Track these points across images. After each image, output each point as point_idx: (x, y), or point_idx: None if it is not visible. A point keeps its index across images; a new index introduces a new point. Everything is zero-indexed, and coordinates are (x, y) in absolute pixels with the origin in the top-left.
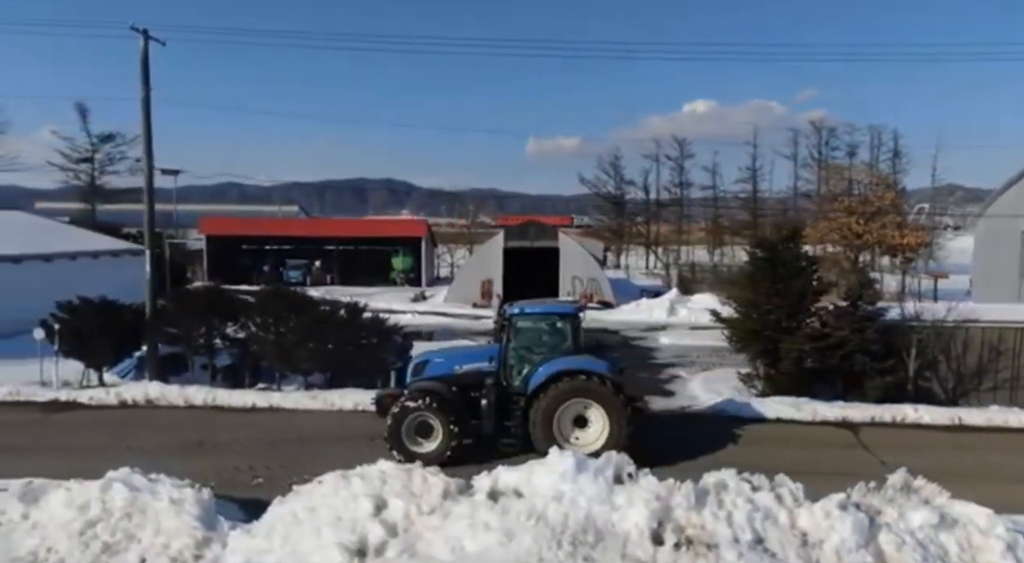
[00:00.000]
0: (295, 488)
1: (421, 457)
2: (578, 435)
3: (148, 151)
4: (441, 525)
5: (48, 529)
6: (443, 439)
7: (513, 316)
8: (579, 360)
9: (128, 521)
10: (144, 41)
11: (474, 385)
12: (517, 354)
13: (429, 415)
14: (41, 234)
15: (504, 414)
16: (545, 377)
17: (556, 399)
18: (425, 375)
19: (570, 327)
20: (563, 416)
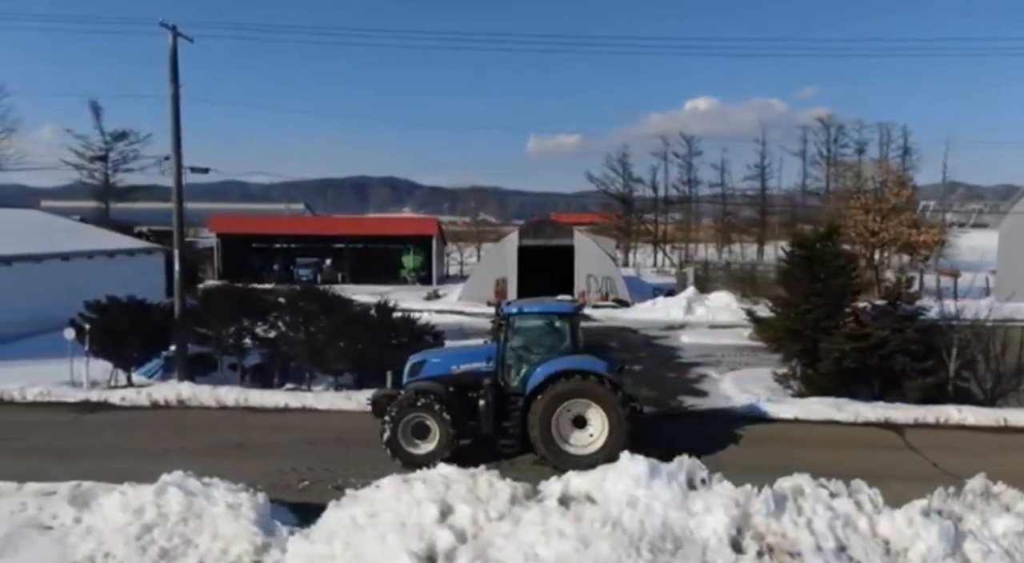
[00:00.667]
0: (348, 492)
1: (417, 459)
2: (577, 435)
3: (177, 149)
4: (512, 532)
5: (104, 533)
6: (440, 440)
7: (511, 315)
8: (578, 360)
9: (184, 526)
10: (173, 38)
11: (472, 385)
12: (515, 354)
13: (426, 416)
14: (57, 233)
15: (502, 415)
16: (544, 377)
17: (555, 399)
18: (422, 375)
19: (568, 326)
20: (562, 416)
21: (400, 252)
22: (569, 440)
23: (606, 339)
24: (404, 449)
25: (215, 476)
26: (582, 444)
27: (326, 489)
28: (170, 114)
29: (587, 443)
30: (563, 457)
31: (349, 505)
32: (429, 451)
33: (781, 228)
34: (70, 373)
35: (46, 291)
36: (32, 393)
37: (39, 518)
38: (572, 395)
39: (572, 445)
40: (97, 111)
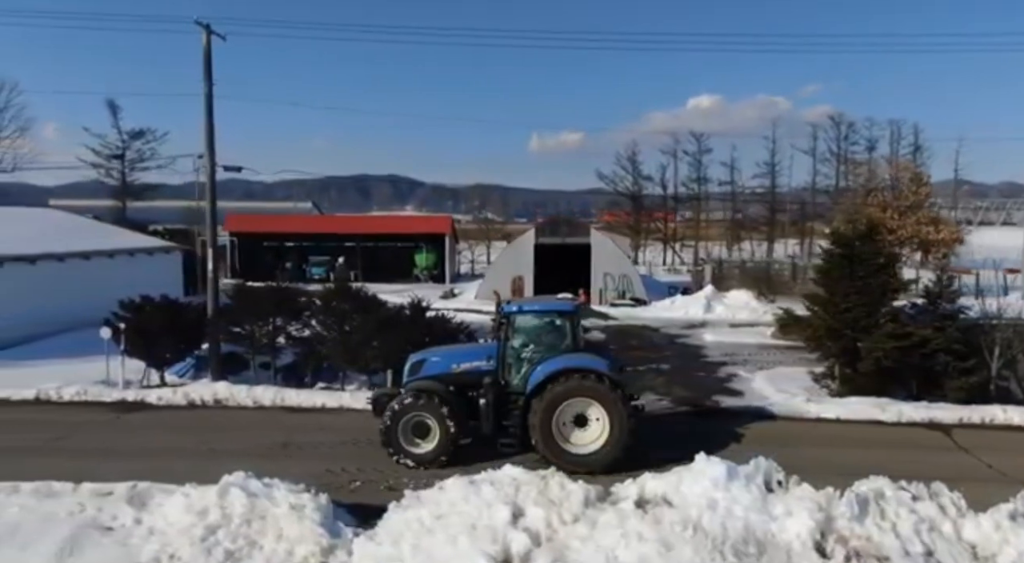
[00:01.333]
0: (408, 493)
1: (417, 458)
2: (578, 434)
3: (210, 147)
4: (589, 535)
5: (167, 535)
6: (440, 439)
7: (511, 314)
8: (579, 358)
9: (248, 527)
10: (207, 36)
11: (472, 384)
12: (516, 352)
13: (426, 415)
14: (77, 232)
15: (502, 414)
16: (544, 376)
17: (555, 398)
18: (422, 374)
19: (569, 325)
20: (563, 415)
21: (413, 250)
22: (570, 439)
23: (628, 338)
24: (404, 448)
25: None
26: (583, 443)
27: (378, 490)
28: (203, 112)
29: (588, 442)
30: (564, 456)
31: (413, 506)
32: (429, 450)
33: (791, 226)
34: (106, 372)
35: (69, 290)
36: (69, 392)
37: (99, 519)
38: (573, 394)
39: (573, 444)
40: (114, 109)
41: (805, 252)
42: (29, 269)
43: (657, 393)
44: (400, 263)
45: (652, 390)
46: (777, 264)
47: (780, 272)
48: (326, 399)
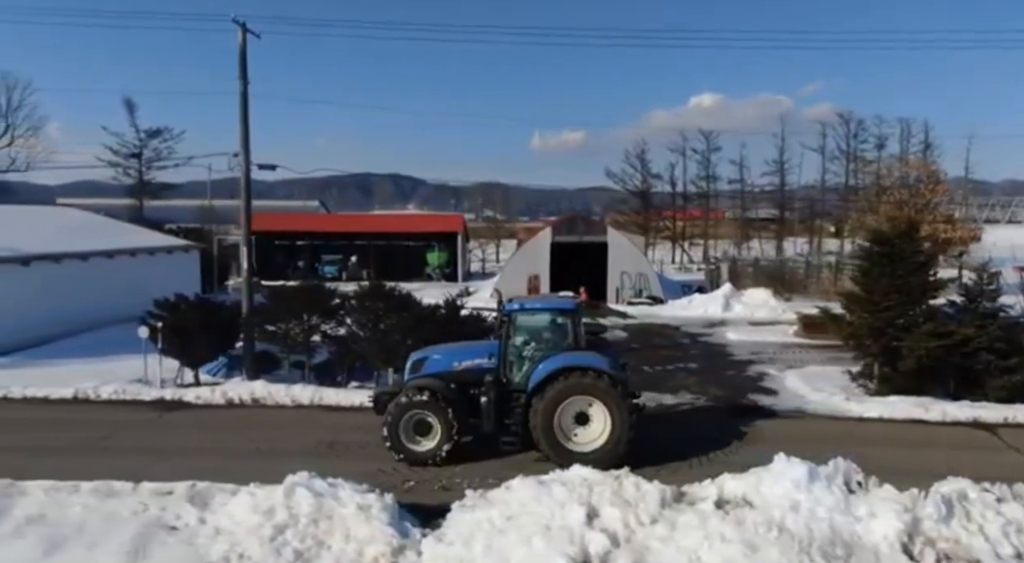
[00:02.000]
0: (469, 493)
1: (419, 455)
2: (579, 432)
3: (245, 145)
4: (669, 536)
5: (235, 535)
6: (441, 437)
7: (512, 312)
8: (580, 356)
9: (315, 527)
10: (242, 34)
11: (473, 382)
12: (517, 350)
13: (427, 413)
14: (97, 231)
15: (504, 412)
16: (545, 374)
17: (557, 396)
18: (424, 372)
19: (570, 323)
20: (564, 413)
21: (425, 249)
22: (571, 437)
23: (651, 337)
24: (405, 446)
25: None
26: (584, 441)
27: (432, 489)
28: (239, 111)
29: (589, 440)
30: (565, 454)
31: (480, 507)
32: (430, 448)
33: (800, 224)
34: (142, 371)
35: (92, 289)
36: (107, 391)
37: (163, 518)
38: (574, 392)
39: (574, 442)
40: (131, 108)
41: (815, 250)
42: (54, 267)
43: (691, 392)
44: (412, 262)
45: (686, 389)
46: (791, 262)
47: (794, 270)
48: (364, 398)
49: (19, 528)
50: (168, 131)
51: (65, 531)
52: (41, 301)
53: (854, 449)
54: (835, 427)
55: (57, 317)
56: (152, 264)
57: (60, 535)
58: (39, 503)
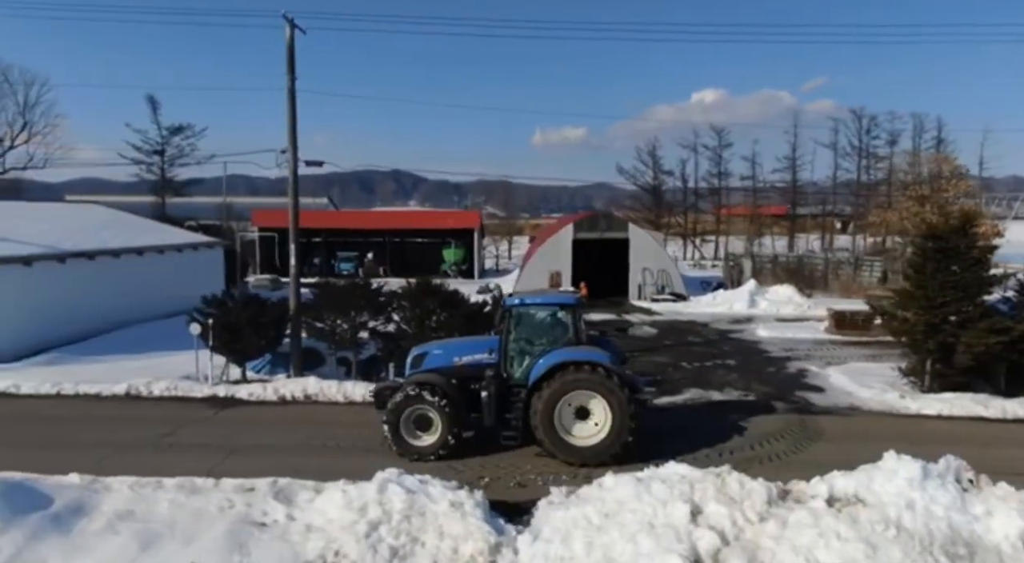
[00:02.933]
0: (554, 490)
1: (419, 451)
2: (580, 427)
3: (293, 142)
4: (781, 534)
5: (328, 531)
6: (442, 432)
7: (513, 307)
8: (581, 351)
9: (409, 524)
10: (290, 29)
11: (474, 377)
12: (517, 345)
13: (428, 408)
14: (126, 228)
15: (504, 406)
16: (546, 368)
17: (557, 391)
18: (424, 367)
19: (571, 317)
20: (564, 408)
21: (441, 246)
22: (572, 431)
23: (681, 333)
24: (406, 441)
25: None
26: (585, 435)
27: (508, 486)
28: (287, 107)
29: (590, 434)
30: (566, 449)
31: (573, 504)
32: (431, 443)
33: (812, 220)
34: (195, 367)
35: (125, 286)
36: (159, 388)
37: (250, 515)
38: (574, 386)
39: (575, 436)
40: (154, 105)
41: (827, 246)
42: (89, 265)
43: (736, 388)
44: (428, 258)
45: (730, 385)
46: (808, 258)
47: (812, 267)
48: None
49: (111, 524)
50: (190, 128)
51: (157, 527)
52: (77, 298)
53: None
54: (894, 424)
55: (93, 314)
56: (180, 261)
57: (153, 531)
58: (126, 499)
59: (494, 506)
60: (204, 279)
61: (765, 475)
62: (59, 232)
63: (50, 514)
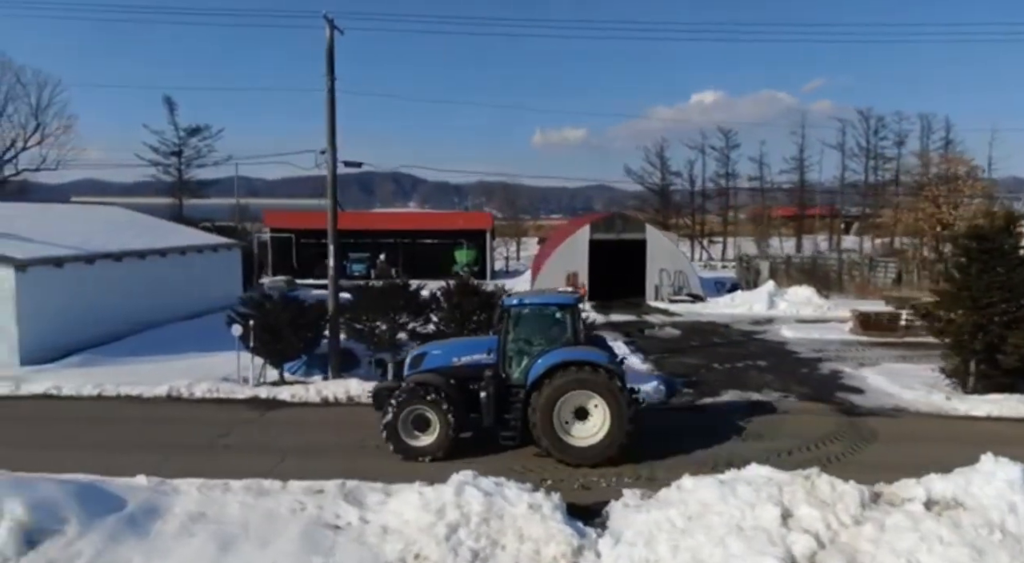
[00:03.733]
0: (627, 492)
1: (418, 451)
2: (578, 427)
3: (332, 143)
4: (879, 537)
5: (406, 533)
6: (441, 432)
7: (511, 307)
8: (579, 351)
9: (487, 526)
10: (330, 30)
11: (472, 377)
12: (516, 346)
13: (426, 408)
14: (148, 229)
15: (503, 407)
16: (544, 368)
17: (556, 391)
18: (423, 367)
19: (570, 317)
20: (563, 408)
21: (453, 247)
22: (570, 431)
23: (705, 335)
24: (404, 441)
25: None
26: (583, 435)
27: (572, 488)
28: (326, 108)
29: (589, 434)
30: (565, 448)
31: (653, 507)
32: (429, 443)
33: (820, 220)
34: (236, 368)
35: (151, 286)
36: (200, 390)
37: (323, 517)
38: (573, 386)
39: (573, 436)
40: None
41: (834, 247)
42: (115, 266)
43: (774, 389)
44: (440, 259)
45: (768, 387)
46: (821, 259)
47: (825, 266)
48: None
49: (185, 526)
50: (207, 129)
51: (231, 529)
52: (105, 299)
53: (978, 449)
54: (944, 426)
55: (119, 315)
56: (200, 262)
57: (228, 533)
58: (196, 501)
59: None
60: (223, 280)
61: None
62: (84, 233)
63: (125, 516)
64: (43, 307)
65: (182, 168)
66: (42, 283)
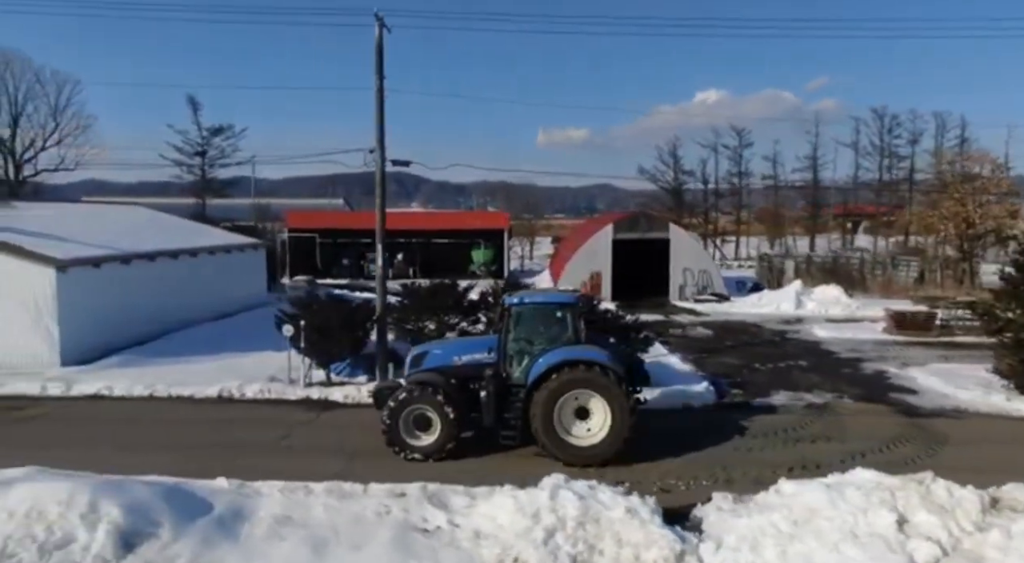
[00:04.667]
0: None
1: (419, 451)
2: (579, 427)
3: (381, 142)
4: (1008, 545)
5: (502, 538)
6: (441, 432)
7: (512, 306)
8: (580, 350)
9: (584, 531)
10: (379, 28)
11: (473, 377)
12: (517, 345)
13: (427, 407)
14: (176, 229)
15: (504, 406)
16: (545, 368)
17: (557, 390)
18: (424, 367)
19: (571, 316)
20: (564, 408)
21: (470, 246)
22: (571, 431)
23: (736, 334)
24: (405, 441)
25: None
26: (584, 435)
27: (651, 491)
28: (375, 107)
29: (590, 434)
30: (565, 448)
31: (754, 511)
32: (430, 443)
33: (834, 220)
34: (287, 369)
35: (183, 286)
36: (251, 390)
37: (410, 520)
38: (574, 386)
39: (574, 436)
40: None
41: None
42: (150, 266)
43: (823, 390)
44: (457, 259)
45: (817, 388)
46: (843, 258)
47: (846, 266)
48: None
49: (274, 529)
50: (230, 129)
51: (321, 532)
52: (140, 299)
53: None
54: (1011, 427)
55: (153, 315)
56: (227, 262)
57: (318, 536)
58: (280, 504)
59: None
60: (250, 280)
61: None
62: (113, 233)
63: (214, 519)
64: (82, 308)
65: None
66: (81, 283)
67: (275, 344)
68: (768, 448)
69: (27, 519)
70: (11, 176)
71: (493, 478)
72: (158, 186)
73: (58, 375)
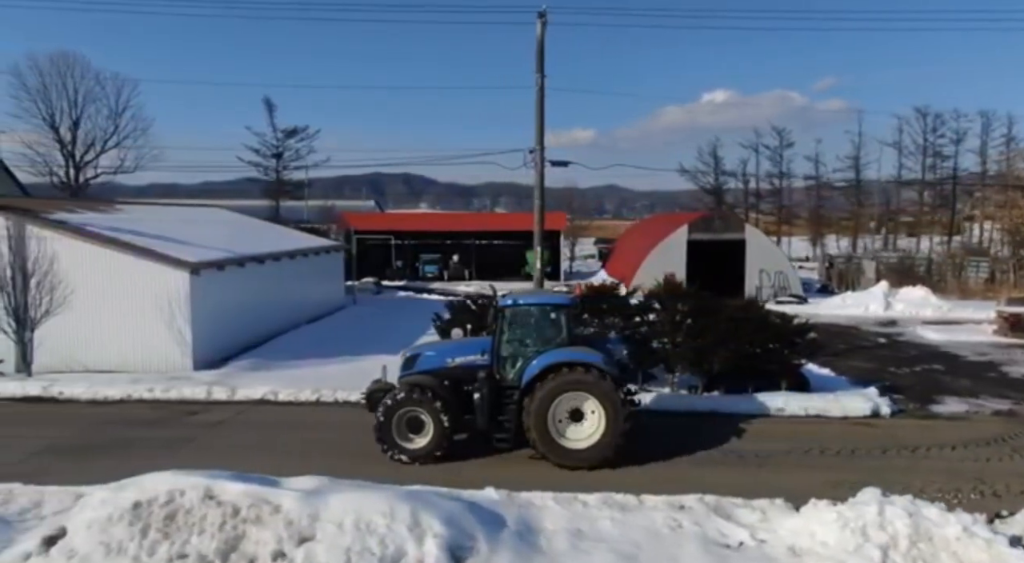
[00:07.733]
0: None
1: (411, 453)
2: (573, 429)
3: (540, 141)
4: None
5: (825, 555)
6: (434, 434)
7: (506, 307)
8: (574, 352)
9: (916, 549)
10: (541, 25)
11: (467, 379)
12: (511, 346)
13: (420, 410)
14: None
15: (497, 408)
16: (539, 370)
17: (551, 392)
18: (416, 369)
19: (565, 318)
20: (558, 410)
21: (524, 248)
22: (565, 434)
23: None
24: (397, 443)
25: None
26: (579, 438)
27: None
28: (535, 105)
29: (584, 437)
30: (559, 451)
31: None
32: (423, 445)
33: (875, 220)
34: None
35: (284, 289)
36: None
37: (707, 534)
38: (568, 388)
39: (568, 439)
40: (270, 107)
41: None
42: (258, 269)
43: (989, 396)
44: (512, 261)
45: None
46: (909, 258)
47: (914, 267)
48: (694, 403)
49: (574, 543)
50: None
51: (625, 547)
52: (253, 301)
53: None
54: None
55: (264, 317)
56: (316, 264)
57: (626, 552)
58: (564, 516)
59: None
60: (332, 282)
61: None
62: (216, 236)
63: (513, 532)
64: (210, 311)
65: (280, 170)
66: (209, 287)
67: (386, 348)
68: (1006, 459)
69: (358, 531)
70: (72, 179)
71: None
72: (223, 187)
73: (195, 377)
